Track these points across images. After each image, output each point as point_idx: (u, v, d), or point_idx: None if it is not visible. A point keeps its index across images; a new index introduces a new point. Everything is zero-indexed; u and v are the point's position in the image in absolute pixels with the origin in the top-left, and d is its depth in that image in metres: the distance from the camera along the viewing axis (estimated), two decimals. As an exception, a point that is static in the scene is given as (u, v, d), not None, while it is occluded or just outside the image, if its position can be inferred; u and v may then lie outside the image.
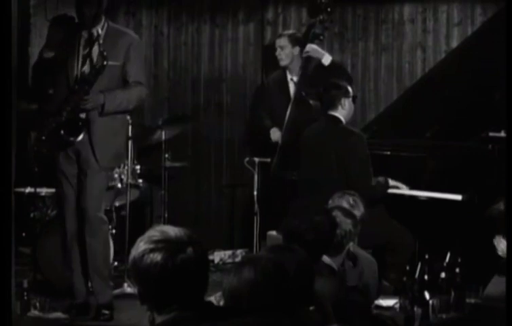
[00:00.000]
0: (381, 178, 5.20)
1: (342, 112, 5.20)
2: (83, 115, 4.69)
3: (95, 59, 4.67)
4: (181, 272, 2.15)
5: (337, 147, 5.11)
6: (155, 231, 2.20)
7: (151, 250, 2.15)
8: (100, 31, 4.72)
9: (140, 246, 2.18)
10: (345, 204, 4.12)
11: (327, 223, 3.41)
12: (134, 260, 2.18)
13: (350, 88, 5.28)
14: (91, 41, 4.70)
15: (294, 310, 2.32)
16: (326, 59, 6.02)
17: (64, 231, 4.85)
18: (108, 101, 4.71)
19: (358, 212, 4.14)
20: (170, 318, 2.16)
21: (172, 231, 2.20)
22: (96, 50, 4.68)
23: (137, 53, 4.87)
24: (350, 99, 5.24)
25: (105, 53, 4.62)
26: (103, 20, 4.77)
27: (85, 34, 4.73)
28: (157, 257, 2.14)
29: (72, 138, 4.68)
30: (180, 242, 2.17)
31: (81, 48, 4.73)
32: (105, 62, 4.61)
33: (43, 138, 4.73)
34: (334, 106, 5.19)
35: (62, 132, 4.66)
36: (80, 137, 4.68)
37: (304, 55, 6.07)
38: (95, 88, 4.67)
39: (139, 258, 2.17)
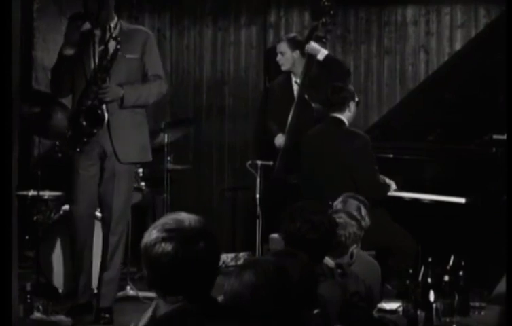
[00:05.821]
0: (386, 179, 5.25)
1: (348, 115, 5.22)
2: (103, 107, 4.64)
3: (111, 51, 4.63)
4: (191, 264, 2.13)
5: (343, 149, 5.10)
6: (170, 220, 2.19)
7: (163, 239, 2.14)
8: (113, 27, 4.69)
9: (153, 233, 2.17)
10: (348, 208, 4.11)
11: (327, 222, 3.41)
12: (146, 247, 2.17)
13: (355, 92, 5.33)
14: (105, 37, 4.66)
15: (296, 314, 2.31)
16: (322, 54, 5.99)
17: (75, 231, 4.81)
18: (127, 93, 4.67)
19: (360, 215, 4.13)
20: (173, 308, 2.14)
21: (187, 220, 2.18)
22: (112, 44, 4.63)
23: (154, 47, 4.87)
24: (355, 103, 5.26)
25: (119, 39, 4.58)
26: (116, 19, 4.77)
27: (98, 32, 4.71)
28: (169, 246, 2.13)
29: (94, 129, 4.61)
30: (193, 233, 2.16)
31: (96, 46, 4.69)
32: (119, 46, 4.57)
33: (68, 137, 4.68)
34: (342, 108, 5.20)
35: (84, 123, 4.61)
36: (103, 125, 4.62)
37: (306, 52, 6.05)
38: (114, 82, 4.65)
39: (151, 245, 2.16)
